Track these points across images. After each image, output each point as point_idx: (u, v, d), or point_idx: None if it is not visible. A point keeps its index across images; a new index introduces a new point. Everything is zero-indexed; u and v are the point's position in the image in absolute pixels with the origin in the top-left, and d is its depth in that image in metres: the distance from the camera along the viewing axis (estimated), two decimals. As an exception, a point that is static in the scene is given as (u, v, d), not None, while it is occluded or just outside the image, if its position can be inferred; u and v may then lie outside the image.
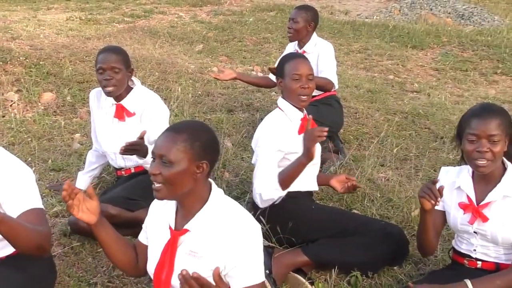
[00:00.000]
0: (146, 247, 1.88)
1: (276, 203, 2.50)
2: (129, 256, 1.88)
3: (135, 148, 2.53)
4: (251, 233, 1.69)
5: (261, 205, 2.51)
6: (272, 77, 3.98)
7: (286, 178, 2.44)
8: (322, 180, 2.85)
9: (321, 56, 3.75)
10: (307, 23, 3.80)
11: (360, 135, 4.15)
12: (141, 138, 2.53)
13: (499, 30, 7.64)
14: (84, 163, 3.24)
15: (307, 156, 2.36)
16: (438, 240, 2.36)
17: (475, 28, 7.93)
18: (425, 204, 2.10)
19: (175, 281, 1.72)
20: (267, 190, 2.47)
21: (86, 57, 5.32)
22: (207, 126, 1.86)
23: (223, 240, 1.67)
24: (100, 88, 2.95)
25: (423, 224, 2.23)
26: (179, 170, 1.67)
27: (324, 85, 3.65)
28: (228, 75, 3.92)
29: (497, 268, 2.18)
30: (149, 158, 2.54)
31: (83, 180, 3.06)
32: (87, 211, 1.73)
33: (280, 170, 2.49)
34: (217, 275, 1.45)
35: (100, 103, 2.94)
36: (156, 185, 1.69)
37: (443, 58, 6.52)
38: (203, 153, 1.71)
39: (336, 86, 3.87)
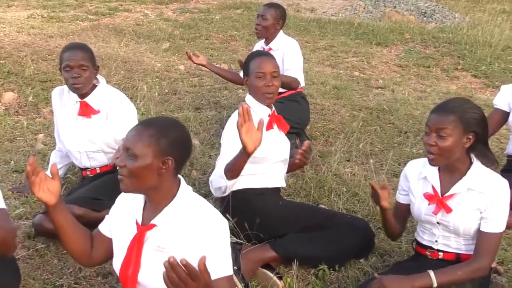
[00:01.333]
0: (106, 238, 1.86)
1: (225, 194, 2.48)
2: (83, 244, 1.86)
3: None
4: (218, 228, 1.70)
5: (214, 193, 2.52)
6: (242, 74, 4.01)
7: (230, 167, 2.37)
8: (290, 167, 2.82)
9: (287, 54, 3.77)
10: (275, 20, 3.82)
11: (327, 131, 4.21)
12: None
13: (459, 27, 7.84)
14: (48, 163, 3.18)
15: (245, 151, 2.24)
16: (405, 226, 2.50)
17: (437, 26, 8.11)
18: (380, 205, 2.33)
19: (142, 277, 1.72)
20: (215, 178, 2.47)
21: (48, 55, 5.21)
22: (180, 123, 1.83)
23: (190, 235, 1.67)
24: (62, 87, 2.91)
25: (384, 218, 2.41)
26: (143, 164, 1.68)
27: (289, 83, 3.70)
28: (201, 60, 3.90)
29: (458, 258, 2.25)
30: None
31: (47, 181, 3.00)
32: (48, 191, 1.73)
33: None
34: (203, 264, 1.42)
35: (63, 101, 2.88)
36: (121, 177, 1.71)
37: (406, 55, 6.65)
38: (169, 150, 1.71)
39: (303, 83, 3.91)
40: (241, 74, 4.04)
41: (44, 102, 4.34)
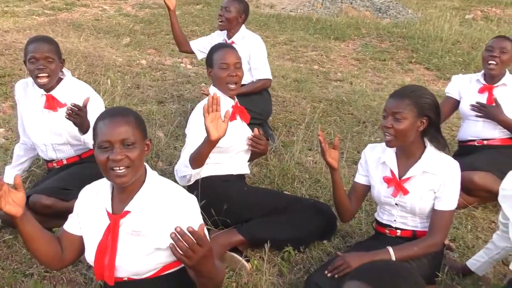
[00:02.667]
0: (75, 237, 1.86)
1: (190, 183, 2.57)
2: (53, 249, 1.84)
3: (79, 113, 2.48)
4: (188, 203, 1.78)
5: (180, 182, 2.59)
6: (193, 45, 4.08)
7: (194, 156, 2.46)
8: (252, 155, 2.91)
9: (253, 53, 3.86)
10: (238, 14, 3.90)
11: (288, 122, 4.33)
12: (85, 106, 2.51)
13: (412, 22, 8.12)
14: (11, 157, 3.15)
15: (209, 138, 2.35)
16: (358, 207, 2.58)
17: (391, 21, 8.38)
18: (332, 164, 2.41)
19: (119, 262, 1.77)
20: (180, 167, 2.56)
21: (5, 50, 5.10)
22: None
23: (163, 215, 1.74)
24: (26, 79, 2.89)
25: (334, 182, 2.47)
26: (140, 151, 1.75)
27: (262, 87, 3.88)
28: (171, 2, 3.89)
29: (414, 235, 2.41)
30: (91, 136, 2.53)
31: (12, 174, 2.98)
32: (14, 203, 1.67)
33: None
34: (203, 230, 1.51)
35: (27, 94, 2.87)
36: (122, 170, 1.71)
37: (363, 49, 6.86)
38: (145, 132, 1.82)
39: (270, 77, 4.01)
40: (191, 45, 4.09)
41: (3, 97, 4.25)
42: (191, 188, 2.64)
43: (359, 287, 1.19)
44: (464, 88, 3.48)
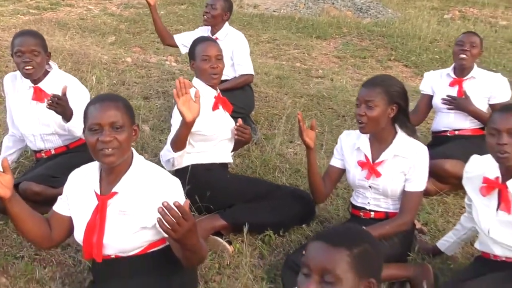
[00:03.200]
0: (64, 217, 1.96)
1: (175, 167, 2.69)
2: (42, 229, 1.93)
3: (60, 102, 2.58)
4: (172, 185, 1.90)
5: (165, 167, 2.71)
6: (178, 39, 4.22)
7: (174, 139, 2.59)
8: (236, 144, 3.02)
9: (236, 49, 3.98)
10: (223, 11, 4.03)
11: (270, 116, 4.45)
12: (64, 94, 2.60)
13: (392, 22, 8.31)
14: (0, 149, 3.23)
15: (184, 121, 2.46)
16: (331, 189, 2.73)
17: (371, 20, 8.57)
18: (308, 143, 2.55)
19: (107, 240, 1.88)
20: (164, 152, 2.69)
21: (-9, 48, 5.16)
22: None
23: (148, 196, 1.85)
24: (14, 72, 2.98)
25: (310, 164, 2.60)
26: (128, 134, 1.86)
27: (244, 82, 3.99)
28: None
29: (387, 216, 2.56)
30: (74, 123, 2.65)
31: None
32: (1, 185, 1.73)
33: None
34: (187, 206, 1.60)
35: (15, 86, 2.95)
36: (110, 150, 1.81)
37: (344, 47, 7.03)
38: (133, 118, 1.93)
39: (253, 73, 4.13)
40: (175, 38, 4.20)
41: (-10, 93, 4.32)
42: (176, 177, 2.76)
43: (321, 248, 1.28)
44: (436, 83, 3.65)
